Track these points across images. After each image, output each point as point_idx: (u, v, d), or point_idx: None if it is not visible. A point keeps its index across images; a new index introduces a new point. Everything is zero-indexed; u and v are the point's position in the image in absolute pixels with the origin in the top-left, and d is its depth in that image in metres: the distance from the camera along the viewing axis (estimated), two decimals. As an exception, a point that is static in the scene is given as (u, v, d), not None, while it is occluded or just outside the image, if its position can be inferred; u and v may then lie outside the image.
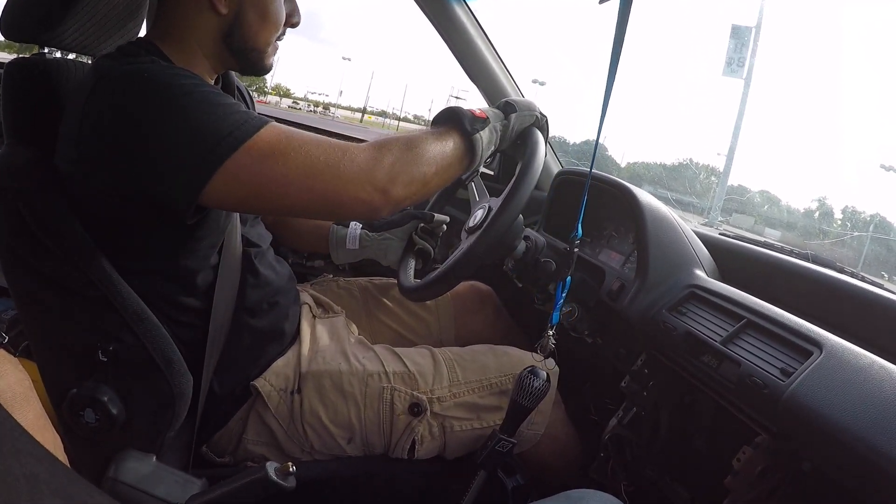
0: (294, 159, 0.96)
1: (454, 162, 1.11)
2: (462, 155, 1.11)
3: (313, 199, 0.99)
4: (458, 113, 1.13)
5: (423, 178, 1.05)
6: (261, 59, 1.19)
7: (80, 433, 1.04)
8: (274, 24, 1.16)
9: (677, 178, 27.61)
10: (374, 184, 1.00)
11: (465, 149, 1.11)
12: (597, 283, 1.48)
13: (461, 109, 1.14)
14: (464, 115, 1.13)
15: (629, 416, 1.30)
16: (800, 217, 23.72)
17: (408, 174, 1.03)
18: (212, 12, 1.11)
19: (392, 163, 1.02)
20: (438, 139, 1.09)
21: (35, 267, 1.04)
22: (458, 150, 1.11)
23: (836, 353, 0.96)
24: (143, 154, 0.95)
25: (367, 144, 1.03)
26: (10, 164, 1.03)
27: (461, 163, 1.12)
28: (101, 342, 1.03)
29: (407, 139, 1.08)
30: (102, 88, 0.98)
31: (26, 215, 1.00)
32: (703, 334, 1.15)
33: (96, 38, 1.17)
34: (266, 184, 0.97)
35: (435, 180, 1.09)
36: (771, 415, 0.96)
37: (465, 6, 1.77)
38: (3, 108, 1.08)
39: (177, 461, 1.15)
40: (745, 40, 14.47)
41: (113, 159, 0.97)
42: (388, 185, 1.00)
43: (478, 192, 1.46)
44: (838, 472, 0.88)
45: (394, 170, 1.01)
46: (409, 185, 1.03)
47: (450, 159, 1.10)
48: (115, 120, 0.96)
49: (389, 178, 1.01)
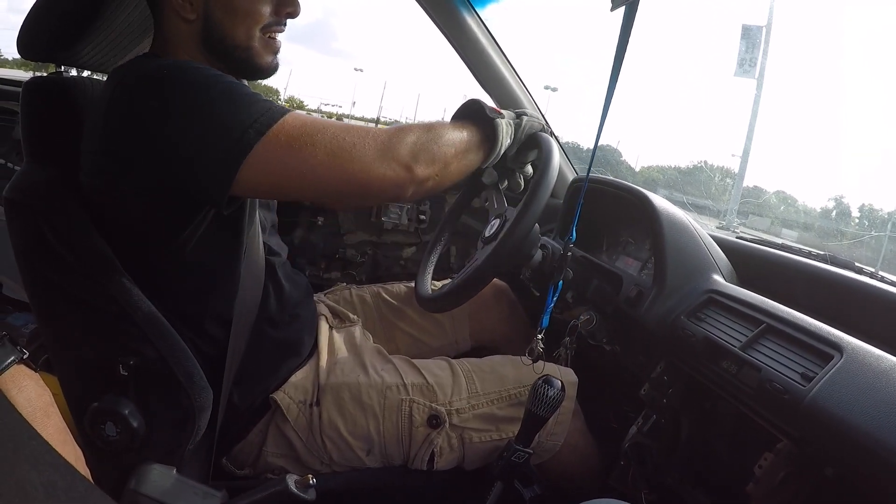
0: (320, 142, 0.98)
1: (473, 147, 1.15)
2: (480, 141, 1.16)
3: (341, 180, 1.01)
4: (478, 103, 1.19)
5: (444, 158, 1.09)
6: (251, 58, 1.17)
7: (100, 446, 1.05)
8: (248, 16, 1.13)
9: (692, 181, 27.39)
10: (399, 160, 1.03)
11: (484, 136, 1.16)
12: (614, 290, 1.47)
13: (480, 101, 1.19)
14: (483, 105, 1.18)
15: (649, 423, 1.29)
16: (817, 217, 23.44)
17: (429, 152, 1.07)
18: (181, 20, 1.11)
19: (414, 141, 1.05)
20: (457, 126, 1.15)
21: (56, 282, 1.05)
22: (477, 136, 1.16)
23: (856, 356, 0.95)
24: (172, 149, 0.97)
25: (389, 127, 1.07)
26: (30, 182, 1.05)
27: (480, 149, 1.17)
28: (121, 356, 1.03)
29: (427, 124, 1.12)
30: (121, 93, 0.99)
31: (47, 231, 1.01)
32: (722, 340, 1.14)
33: (112, 56, 1.18)
34: (295, 167, 0.99)
35: (455, 163, 1.12)
36: (792, 420, 0.95)
37: (475, 14, 1.78)
38: (22, 127, 1.10)
39: (197, 474, 1.16)
40: (756, 40, 14.38)
41: (142, 158, 0.98)
42: (412, 161, 1.04)
43: (496, 200, 1.47)
44: (861, 478, 0.87)
45: (416, 147, 1.05)
46: (432, 164, 1.07)
47: (468, 144, 1.14)
48: (140, 119, 0.97)
49: (412, 154, 1.04)
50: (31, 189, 1.04)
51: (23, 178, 1.05)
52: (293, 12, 1.19)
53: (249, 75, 1.23)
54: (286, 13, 1.18)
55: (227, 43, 1.13)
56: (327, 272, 2.17)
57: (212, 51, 1.14)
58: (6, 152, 2.60)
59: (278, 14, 1.17)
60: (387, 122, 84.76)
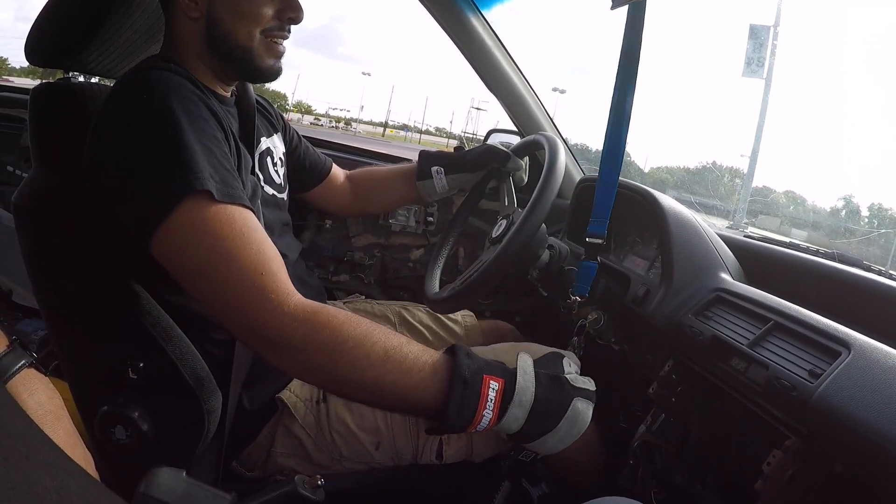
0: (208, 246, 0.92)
1: (406, 409, 0.95)
2: (422, 413, 0.95)
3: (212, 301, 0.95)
4: (461, 367, 0.93)
5: (348, 385, 0.93)
6: (251, 59, 1.17)
7: (110, 450, 1.05)
8: (250, 18, 1.13)
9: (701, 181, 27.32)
10: (278, 331, 0.91)
11: (435, 412, 0.93)
12: (622, 289, 1.48)
13: (465, 364, 0.94)
14: (462, 380, 0.92)
15: (658, 422, 1.29)
16: (826, 216, 23.38)
17: (333, 369, 0.92)
18: (187, 19, 1.13)
19: (325, 340, 0.91)
20: (412, 368, 0.92)
21: (64, 287, 1.06)
22: (424, 407, 0.93)
23: (864, 352, 0.95)
24: (118, 173, 0.97)
25: (310, 305, 0.93)
26: (38, 188, 1.06)
27: (417, 413, 0.96)
28: (130, 360, 1.04)
29: (375, 333, 0.93)
30: (110, 99, 1.01)
31: (55, 237, 1.02)
32: (730, 338, 1.14)
33: (120, 62, 1.19)
34: (184, 258, 0.94)
35: (360, 395, 0.95)
36: (800, 417, 0.95)
37: (482, 18, 1.78)
38: (30, 133, 1.10)
39: (207, 476, 1.17)
40: (764, 39, 14.36)
41: (104, 174, 0.99)
42: (293, 351, 0.92)
43: (507, 197, 1.47)
44: (870, 474, 0.87)
45: (320, 350, 0.91)
46: (317, 372, 0.93)
47: (399, 404, 0.94)
48: (105, 133, 0.99)
49: (304, 350, 0.91)
50: (38, 195, 1.05)
51: (31, 185, 1.06)
52: (295, 17, 1.19)
53: (250, 77, 1.24)
54: (288, 18, 1.18)
55: (229, 43, 1.14)
56: (336, 275, 2.17)
57: (214, 50, 1.15)
58: (15, 160, 2.62)
59: (280, 19, 1.17)
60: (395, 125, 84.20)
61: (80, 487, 0.37)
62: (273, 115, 1.49)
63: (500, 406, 0.92)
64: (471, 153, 1.62)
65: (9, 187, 1.06)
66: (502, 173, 1.57)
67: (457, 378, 0.91)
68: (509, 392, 0.93)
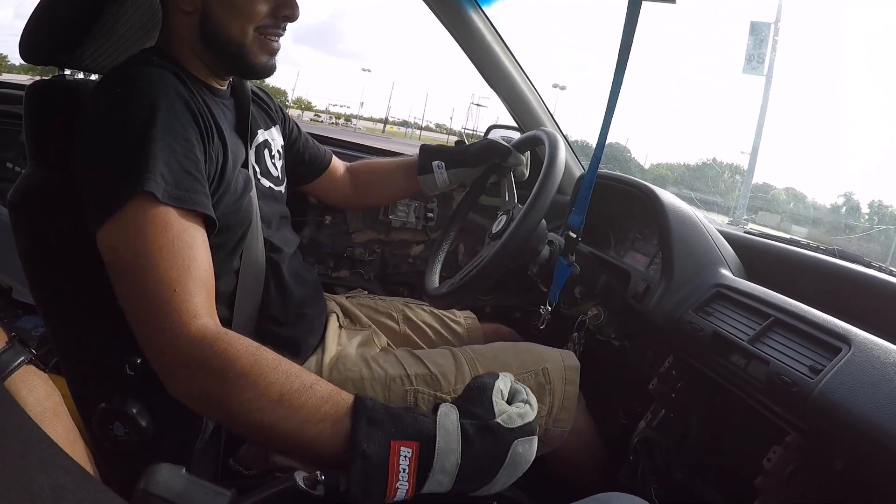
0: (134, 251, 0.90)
1: (312, 461, 0.88)
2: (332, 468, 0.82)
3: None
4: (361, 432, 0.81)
5: (234, 414, 0.85)
6: (244, 55, 1.15)
7: (109, 447, 1.05)
8: (244, 14, 1.11)
9: (701, 177, 27.34)
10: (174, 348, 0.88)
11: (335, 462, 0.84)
12: (622, 285, 1.47)
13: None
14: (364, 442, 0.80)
15: (658, 418, 1.29)
16: (826, 213, 23.41)
17: (223, 398, 0.85)
18: (182, 13, 1.12)
19: (216, 370, 0.85)
20: (310, 419, 0.84)
21: (60, 284, 1.06)
22: (331, 462, 0.84)
23: (865, 348, 0.95)
24: (82, 164, 0.97)
25: (209, 331, 0.88)
26: (33, 185, 1.05)
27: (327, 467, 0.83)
28: (128, 356, 1.03)
29: (273, 374, 0.86)
30: (92, 94, 1.02)
31: (50, 234, 1.02)
32: (731, 334, 1.14)
33: (114, 58, 1.18)
34: (113, 259, 0.93)
35: (244, 429, 0.88)
36: (801, 413, 0.95)
37: (482, 13, 1.78)
38: (25, 130, 1.10)
39: (206, 473, 1.16)
40: (765, 36, 14.35)
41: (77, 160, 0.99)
42: (183, 377, 0.88)
43: (508, 192, 1.47)
44: (870, 470, 0.87)
45: (212, 381, 0.85)
46: (207, 403, 0.87)
47: (302, 455, 0.88)
48: (85, 127, 0.98)
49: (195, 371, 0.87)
50: (33, 192, 1.05)
51: (26, 182, 1.06)
52: (290, 15, 1.17)
53: (243, 73, 1.23)
54: (283, 16, 1.16)
55: (222, 38, 1.12)
56: (336, 271, 2.17)
57: (208, 45, 1.14)
58: (14, 156, 2.61)
59: (276, 16, 1.15)
60: (395, 121, 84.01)
61: (76, 485, 0.36)
62: (272, 107, 1.48)
63: (416, 473, 0.79)
64: (472, 148, 1.61)
65: (8, 184, 1.05)
66: (503, 168, 1.56)
67: (355, 452, 0.79)
68: (427, 457, 0.80)
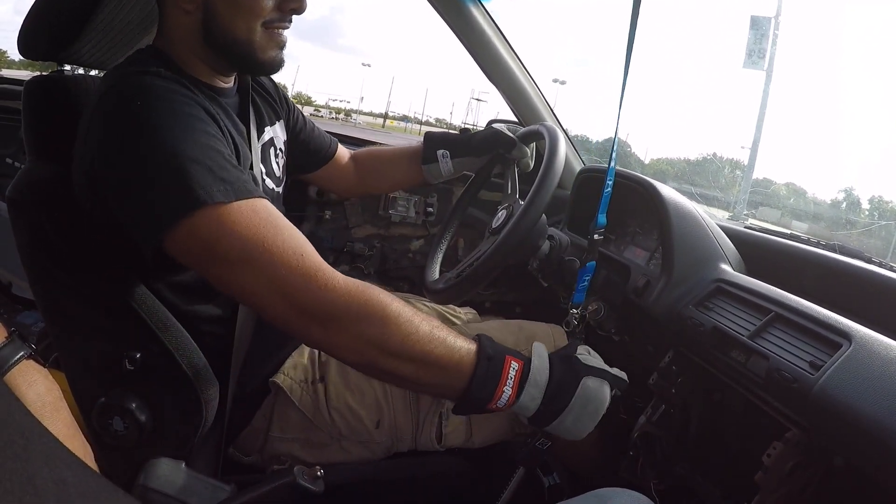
0: (245, 242, 0.91)
1: (440, 386, 0.99)
2: (450, 393, 1.00)
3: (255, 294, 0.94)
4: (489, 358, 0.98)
5: (397, 359, 0.94)
6: (252, 53, 1.10)
7: (109, 441, 1.05)
8: (249, 10, 1.06)
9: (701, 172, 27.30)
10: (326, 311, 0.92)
11: (461, 391, 0.98)
12: (622, 280, 1.47)
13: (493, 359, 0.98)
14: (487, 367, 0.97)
15: (658, 413, 1.29)
16: (826, 208, 23.36)
17: (388, 342, 0.93)
18: (182, 12, 1.07)
19: (377, 313, 0.93)
20: (453, 347, 0.97)
21: (60, 279, 1.06)
22: (454, 386, 0.98)
23: (865, 344, 0.95)
24: (119, 181, 0.94)
25: (356, 283, 0.95)
26: (32, 180, 1.05)
27: (446, 392, 1.01)
28: (127, 351, 1.03)
29: (418, 312, 0.98)
30: (101, 103, 0.98)
31: (49, 229, 1.02)
32: (731, 329, 1.14)
33: (112, 54, 1.18)
34: (215, 257, 0.93)
35: (400, 375, 0.97)
36: (801, 409, 0.95)
37: (482, 8, 1.77)
38: (24, 126, 1.10)
39: (205, 466, 1.17)
40: (765, 31, 14.30)
41: (99, 177, 0.96)
42: (347, 324, 0.93)
43: (511, 185, 1.47)
44: (870, 467, 0.87)
45: (374, 323, 0.93)
46: (369, 344, 0.93)
47: (436, 381, 0.98)
48: (106, 140, 0.95)
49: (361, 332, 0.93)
50: (32, 187, 1.04)
51: (25, 177, 1.05)
52: (298, 8, 1.12)
53: (252, 71, 1.21)
54: (290, 9, 1.11)
55: (227, 37, 1.08)
56: (335, 266, 2.16)
57: (212, 45, 1.09)
58: (14, 152, 2.62)
59: (282, 10, 1.10)
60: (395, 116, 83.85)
61: (78, 479, 0.36)
62: (277, 99, 1.44)
63: (518, 385, 0.97)
64: (477, 136, 1.60)
65: (8, 179, 1.05)
66: (507, 160, 1.56)
67: (482, 355, 0.97)
68: (526, 373, 0.98)
